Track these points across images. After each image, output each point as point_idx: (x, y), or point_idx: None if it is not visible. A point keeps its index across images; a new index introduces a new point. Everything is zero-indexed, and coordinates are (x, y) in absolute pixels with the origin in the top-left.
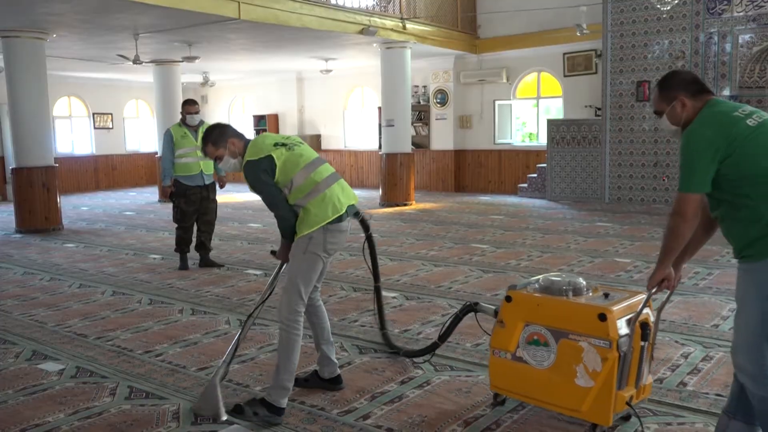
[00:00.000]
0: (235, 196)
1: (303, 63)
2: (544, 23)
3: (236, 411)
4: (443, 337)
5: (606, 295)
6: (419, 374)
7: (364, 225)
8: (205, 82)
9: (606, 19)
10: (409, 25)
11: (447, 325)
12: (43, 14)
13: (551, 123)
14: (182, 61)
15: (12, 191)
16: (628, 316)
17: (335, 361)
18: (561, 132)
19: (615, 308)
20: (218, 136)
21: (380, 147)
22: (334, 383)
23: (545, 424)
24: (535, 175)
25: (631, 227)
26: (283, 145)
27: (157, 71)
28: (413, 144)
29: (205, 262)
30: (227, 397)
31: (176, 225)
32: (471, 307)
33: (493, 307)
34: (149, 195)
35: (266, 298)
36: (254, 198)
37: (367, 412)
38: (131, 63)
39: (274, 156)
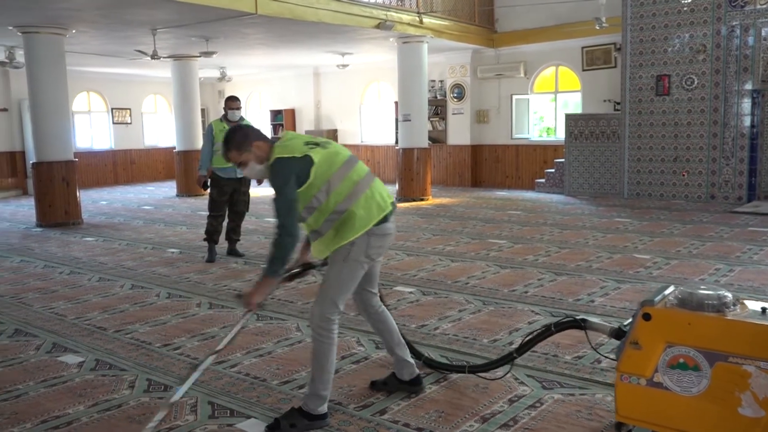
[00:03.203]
0: (252, 191)
1: (319, 58)
2: (562, 17)
3: (274, 426)
4: (522, 350)
5: (764, 310)
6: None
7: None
8: (223, 77)
9: (625, 12)
10: (426, 20)
11: (531, 338)
12: (62, 10)
13: (569, 117)
14: (200, 56)
15: (32, 185)
16: None
17: (412, 361)
18: (579, 126)
19: None
20: (242, 140)
21: (397, 142)
22: (415, 384)
23: (563, 421)
24: (552, 170)
25: (650, 223)
26: (316, 144)
27: (174, 66)
28: (430, 139)
29: (230, 251)
30: (245, 390)
31: (208, 214)
32: (576, 323)
33: (609, 325)
34: (167, 189)
35: (220, 350)
36: (271, 192)
37: (383, 407)
38: (149, 58)
39: (312, 155)
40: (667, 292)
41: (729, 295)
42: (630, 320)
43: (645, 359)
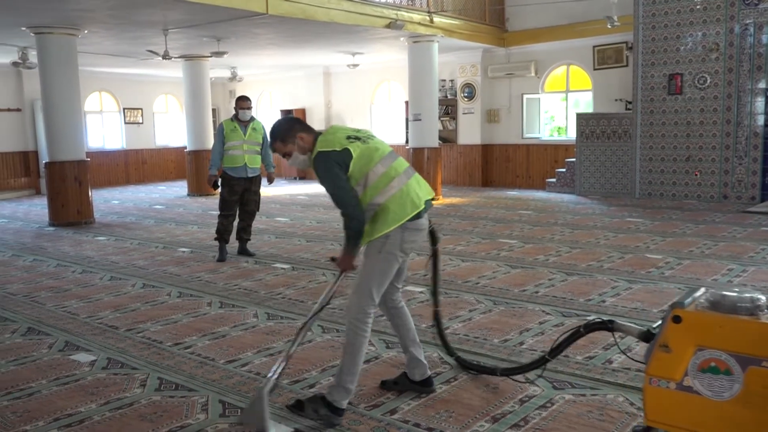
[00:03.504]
0: (262, 191)
1: (330, 57)
2: (573, 16)
3: (296, 406)
4: (555, 352)
5: None
6: (446, 369)
7: (433, 237)
8: (233, 77)
9: (637, 10)
10: (437, 19)
11: (562, 340)
12: (75, 10)
13: (580, 117)
14: (211, 57)
15: (45, 185)
16: None
17: (425, 362)
18: (590, 126)
19: None
20: (286, 131)
21: (407, 141)
22: (426, 385)
23: (574, 422)
24: (563, 169)
25: (662, 223)
26: (357, 138)
27: (186, 66)
28: (440, 138)
29: (241, 250)
30: (255, 390)
31: (219, 213)
32: (604, 325)
33: (637, 327)
34: (178, 189)
35: (322, 309)
36: (281, 192)
37: (394, 407)
38: (161, 58)
39: (351, 149)
40: (697, 294)
41: (763, 297)
42: (659, 323)
43: (675, 362)
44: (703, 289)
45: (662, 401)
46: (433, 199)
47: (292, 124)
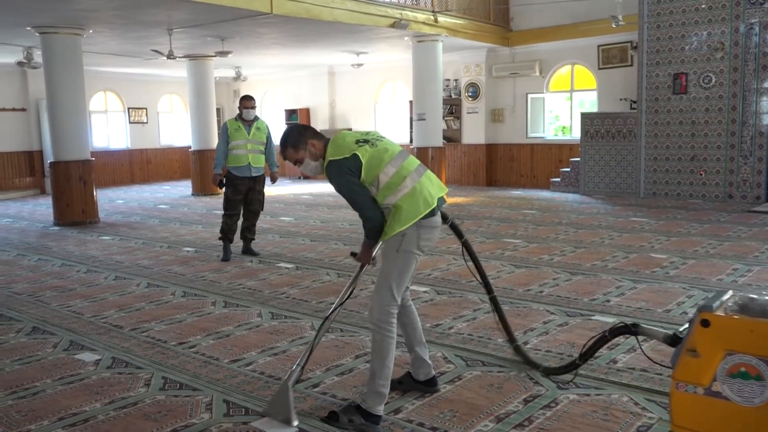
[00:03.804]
0: (266, 190)
1: (334, 57)
2: (578, 15)
3: (330, 418)
4: (584, 357)
5: None
6: (451, 369)
7: (456, 231)
8: (238, 77)
9: (642, 10)
10: (441, 18)
11: (590, 345)
12: (80, 10)
13: (585, 116)
14: (215, 56)
15: (50, 185)
16: None
17: (430, 362)
18: (595, 125)
19: None
20: (297, 138)
21: (411, 141)
22: (430, 385)
23: (578, 422)
24: (568, 169)
25: (667, 222)
26: (366, 141)
27: (190, 66)
28: (444, 138)
29: (246, 250)
30: (260, 389)
31: (223, 213)
32: (627, 329)
33: (663, 331)
34: (183, 189)
35: (344, 301)
36: (285, 192)
37: (398, 406)
38: (165, 58)
39: (359, 154)
40: (725, 297)
41: None
42: (686, 326)
43: (703, 367)
44: (730, 292)
45: (689, 407)
46: (444, 198)
47: (302, 131)
